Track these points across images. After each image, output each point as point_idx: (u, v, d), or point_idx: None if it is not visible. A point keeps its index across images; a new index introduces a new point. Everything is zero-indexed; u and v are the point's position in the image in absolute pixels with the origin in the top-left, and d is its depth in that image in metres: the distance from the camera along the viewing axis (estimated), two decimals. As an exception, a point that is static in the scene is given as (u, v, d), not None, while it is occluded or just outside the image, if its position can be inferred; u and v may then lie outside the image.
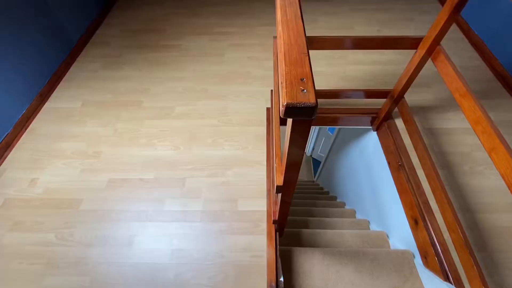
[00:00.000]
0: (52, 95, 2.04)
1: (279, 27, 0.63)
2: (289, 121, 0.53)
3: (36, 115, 1.92)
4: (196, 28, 2.59)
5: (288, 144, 0.59)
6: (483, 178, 1.49)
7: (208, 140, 1.76)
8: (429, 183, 1.30)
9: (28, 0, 1.88)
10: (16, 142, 1.77)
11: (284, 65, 0.52)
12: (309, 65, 0.51)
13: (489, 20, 2.15)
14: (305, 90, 0.46)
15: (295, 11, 0.68)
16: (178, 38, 2.49)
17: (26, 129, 1.84)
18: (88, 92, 2.05)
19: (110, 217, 1.45)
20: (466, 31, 2.37)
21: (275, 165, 0.92)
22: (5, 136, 1.72)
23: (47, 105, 1.98)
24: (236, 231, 1.39)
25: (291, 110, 0.44)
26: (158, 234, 1.39)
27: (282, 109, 0.45)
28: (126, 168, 1.64)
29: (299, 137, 0.56)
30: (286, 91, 0.46)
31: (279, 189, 0.80)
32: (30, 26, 1.90)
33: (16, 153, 1.72)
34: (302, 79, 0.48)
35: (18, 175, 1.62)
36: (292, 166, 0.69)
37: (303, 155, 0.63)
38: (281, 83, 0.50)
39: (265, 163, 1.64)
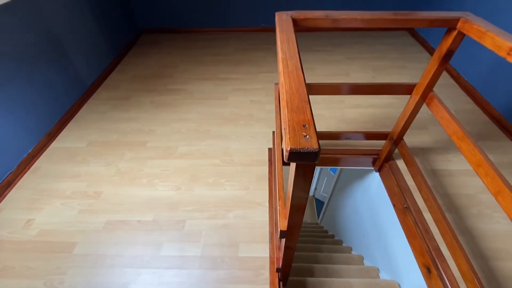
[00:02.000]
0: (60, 134, 2.10)
1: (281, 78, 0.68)
2: (293, 165, 0.54)
3: (41, 154, 1.95)
4: (202, 74, 2.77)
5: (292, 188, 0.59)
6: (493, 222, 1.44)
7: (209, 180, 1.75)
8: (438, 227, 1.26)
9: (48, 45, 2.05)
10: (18, 181, 1.77)
11: (286, 112, 0.55)
12: (310, 112, 0.54)
13: (476, 68, 2.30)
14: (307, 136, 0.48)
15: (295, 64, 0.74)
16: (185, 83, 2.65)
17: (29, 168, 1.85)
18: (95, 132, 2.11)
19: (105, 263, 1.37)
20: (456, 78, 2.52)
21: (278, 207, 0.90)
22: (8, 175, 1.72)
23: (53, 144, 2.03)
24: (236, 279, 1.30)
25: (294, 155, 0.46)
26: (154, 282, 1.30)
27: (286, 154, 0.47)
28: (125, 209, 1.60)
29: (302, 181, 0.56)
30: (289, 137, 0.48)
31: (282, 234, 0.78)
32: (47, 69, 2.04)
33: (16, 193, 1.71)
34: (304, 125, 0.51)
35: (14, 216, 1.58)
36: (296, 210, 0.68)
37: (307, 199, 0.62)
38: (284, 128, 0.52)
39: (267, 204, 1.60)
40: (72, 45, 2.29)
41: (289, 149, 0.45)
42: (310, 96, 0.66)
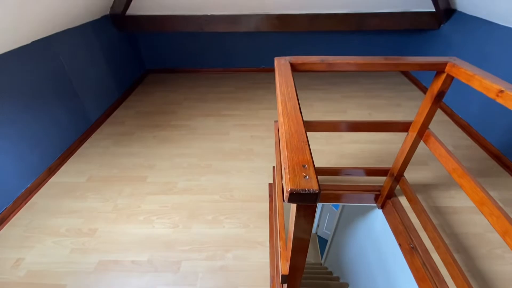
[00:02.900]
0: (60, 169, 2.10)
1: (281, 118, 0.71)
2: (293, 206, 0.53)
3: (39, 189, 1.93)
4: (205, 111, 2.86)
5: (293, 229, 0.58)
6: (505, 263, 1.37)
7: (208, 217, 1.70)
8: (447, 269, 1.19)
9: (58, 83, 2.16)
10: (12, 218, 1.72)
11: (286, 152, 0.56)
12: (309, 153, 0.56)
13: (469, 106, 2.39)
14: (307, 177, 0.48)
15: (294, 105, 0.78)
16: (187, 119, 2.72)
17: (25, 204, 1.82)
18: (95, 167, 2.12)
19: (92, 309, 1.27)
20: (451, 115, 2.60)
21: (279, 249, 0.87)
22: (2, 212, 1.69)
23: (52, 179, 2.02)
24: (234, 329, 1.19)
25: (295, 196, 0.46)
26: (144, 332, 1.19)
27: (286, 194, 0.47)
28: (120, 248, 1.54)
29: (304, 222, 0.55)
30: (289, 177, 0.48)
31: (284, 278, 0.74)
32: (55, 105, 2.11)
33: (9, 230, 1.65)
34: (304, 166, 0.52)
35: (4, 255, 1.51)
36: (298, 252, 0.65)
37: (309, 240, 0.61)
38: (284, 168, 0.53)
39: (267, 243, 1.54)
40: (81, 83, 2.41)
41: (289, 190, 0.45)
42: (309, 133, 0.68)
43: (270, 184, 1.93)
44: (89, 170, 2.09)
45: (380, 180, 1.74)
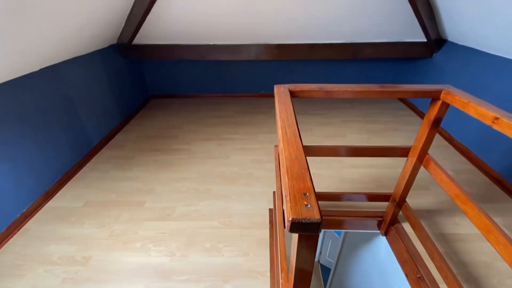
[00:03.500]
0: (57, 194, 2.07)
1: (281, 144, 0.72)
2: (295, 236, 0.52)
3: (35, 214, 1.88)
4: (205, 135, 2.89)
5: (294, 260, 0.56)
6: (519, 296, 1.30)
7: (206, 244, 1.65)
8: (458, 302, 1.13)
9: (62, 108, 2.19)
10: (4, 244, 1.66)
11: (287, 179, 0.56)
12: (310, 180, 0.56)
13: (467, 130, 2.42)
14: (308, 205, 0.48)
15: (293, 131, 0.79)
16: (188, 143, 2.74)
17: (19, 230, 1.77)
18: (93, 192, 2.09)
19: None
20: (449, 139, 2.62)
21: (280, 280, 0.83)
22: (-5, 238, 1.64)
23: (49, 204, 1.98)
24: None
25: (296, 226, 0.45)
26: None
27: (287, 224, 0.46)
28: (113, 278, 1.47)
29: (306, 252, 0.54)
30: (290, 206, 0.48)
31: (286, 312, 0.70)
32: (57, 130, 2.13)
33: (0, 257, 1.59)
34: (305, 194, 0.51)
35: (-10, 285, 1.44)
36: (300, 284, 0.63)
37: (312, 272, 0.58)
38: (285, 196, 0.52)
39: (268, 274, 1.47)
40: (84, 108, 2.46)
41: (290, 219, 0.45)
42: (308, 157, 0.68)
43: (270, 210, 1.89)
44: (87, 194, 2.06)
45: (382, 205, 1.71)
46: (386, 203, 1.63)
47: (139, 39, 2.91)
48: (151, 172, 2.31)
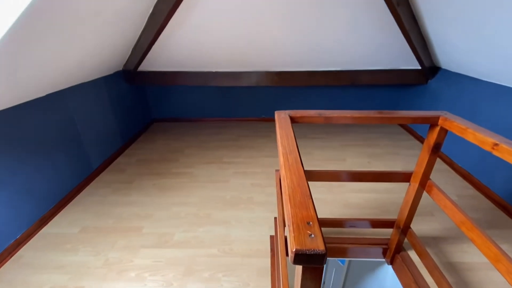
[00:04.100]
0: (53, 219, 2.03)
1: (283, 171, 0.72)
2: (299, 268, 0.51)
3: (28, 241, 1.83)
4: (206, 158, 2.89)
5: (298, 293, 0.53)
6: (537, 333, 1.22)
7: (205, 274, 1.58)
8: None
9: (65, 132, 2.22)
10: (-7, 274, 1.60)
11: (289, 208, 0.56)
12: (313, 208, 0.55)
13: (468, 155, 2.42)
14: (312, 235, 0.47)
15: (295, 157, 0.80)
16: (189, 167, 2.73)
17: (11, 257, 1.70)
18: (90, 217, 2.04)
19: None
20: (450, 164, 2.62)
21: (283, 315, 0.79)
22: (-15, 266, 1.57)
23: (44, 230, 1.93)
24: None
25: (300, 257, 0.44)
26: None
27: (291, 255, 0.45)
28: (106, 310, 1.39)
29: (310, 285, 0.51)
30: (294, 236, 0.47)
31: None
32: (58, 154, 2.14)
33: (-13, 288, 1.52)
34: (308, 223, 0.51)
35: (-25, 319, 1.36)
36: (305, 320, 0.59)
37: (316, 307, 0.55)
38: (288, 226, 0.52)
39: (269, 306, 1.40)
40: (87, 132, 2.48)
41: (294, 250, 0.44)
42: (310, 182, 0.68)
43: (271, 237, 1.84)
44: (83, 220, 2.02)
45: (387, 232, 1.67)
46: (390, 230, 1.58)
47: (144, 66, 3.02)
48: (150, 197, 2.27)
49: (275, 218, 1.96)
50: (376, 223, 1.57)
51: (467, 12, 1.80)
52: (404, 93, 3.50)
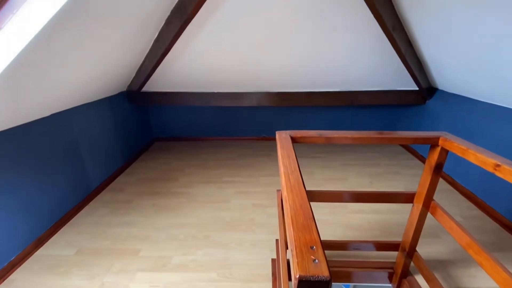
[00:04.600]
0: (50, 240, 1.98)
1: (285, 192, 0.72)
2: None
3: (23, 263, 1.77)
4: (206, 177, 2.88)
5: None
6: None
7: (204, 299, 1.51)
8: None
9: (66, 151, 2.22)
10: (-17, 299, 1.53)
11: (292, 231, 0.55)
12: (316, 231, 0.54)
13: (470, 174, 2.40)
14: (316, 260, 0.46)
15: (296, 178, 0.79)
16: (189, 186, 2.71)
17: (4, 280, 1.64)
18: (87, 238, 2.00)
19: None
20: (452, 183, 2.59)
21: None
22: (-25, 291, 1.51)
23: (40, 251, 1.87)
24: None
25: (304, 284, 0.43)
26: None
27: (294, 282, 0.43)
28: None
29: (315, 314, 0.49)
30: (297, 261, 0.46)
31: None
32: (58, 173, 2.13)
33: (-25, 315, 1.45)
34: (312, 247, 0.49)
35: None
36: None
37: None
38: (291, 250, 0.50)
39: (271, 335, 1.32)
40: (89, 152, 2.49)
41: (298, 276, 0.42)
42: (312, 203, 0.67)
43: (273, 260, 1.78)
44: (80, 241, 1.97)
45: (392, 255, 1.62)
46: (395, 253, 1.54)
47: (148, 87, 3.09)
48: (149, 217, 2.23)
49: (277, 240, 1.91)
50: (381, 246, 1.52)
51: (461, 36, 1.86)
52: (403, 113, 3.54)
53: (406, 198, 1.33)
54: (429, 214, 1.29)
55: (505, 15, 1.47)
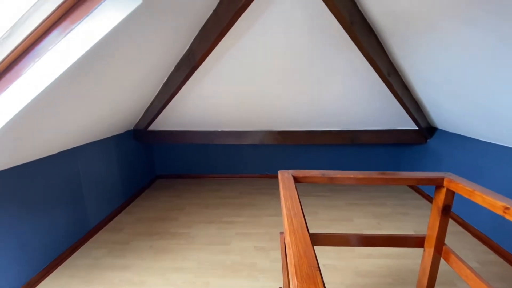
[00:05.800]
0: (41, 283, 1.86)
1: (288, 237, 0.69)
2: None
3: (6, 312, 1.64)
4: (207, 217, 2.79)
5: None
6: None
7: None
8: None
9: (68, 188, 2.21)
10: None
11: (296, 281, 0.52)
12: (322, 283, 0.51)
13: (482, 215, 2.30)
14: (322, 316, 0.43)
15: (300, 221, 0.77)
16: (188, 226, 2.62)
17: (-19, 334, 1.51)
18: (78, 283, 1.88)
19: None
20: (464, 225, 2.48)
21: None
22: None
23: (26, 298, 1.75)
24: None
25: None
26: None
27: None
28: None
29: None
30: (302, 317, 0.42)
31: None
32: (58, 211, 2.08)
33: None
34: (317, 300, 0.46)
35: None
36: None
37: None
38: (295, 303, 0.47)
39: None
40: (90, 189, 2.48)
41: (303, 336, 0.39)
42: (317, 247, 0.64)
43: (276, 310, 1.64)
44: (71, 286, 1.85)
45: (406, 307, 1.48)
46: (410, 304, 1.41)
47: (155, 126, 3.19)
48: (146, 260, 2.12)
49: None
50: (393, 296, 1.40)
51: (452, 79, 1.94)
52: (405, 152, 3.55)
53: (416, 242, 1.27)
54: (442, 261, 1.21)
55: (484, 57, 1.51)
